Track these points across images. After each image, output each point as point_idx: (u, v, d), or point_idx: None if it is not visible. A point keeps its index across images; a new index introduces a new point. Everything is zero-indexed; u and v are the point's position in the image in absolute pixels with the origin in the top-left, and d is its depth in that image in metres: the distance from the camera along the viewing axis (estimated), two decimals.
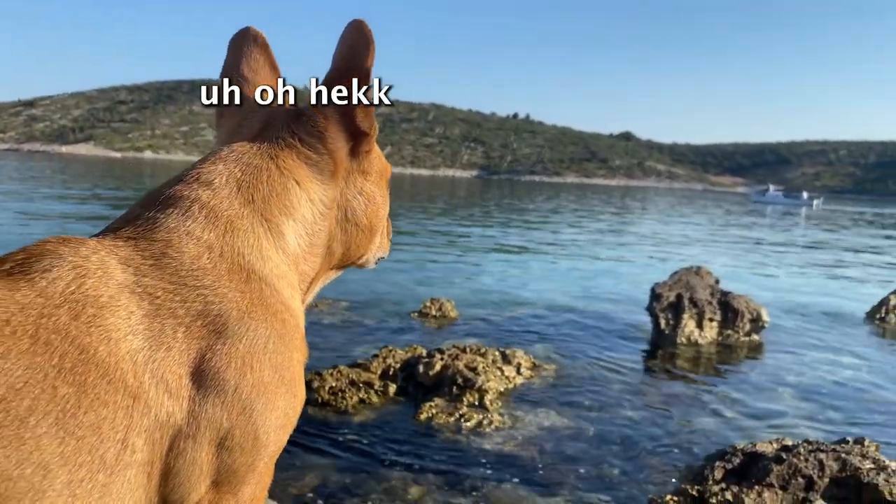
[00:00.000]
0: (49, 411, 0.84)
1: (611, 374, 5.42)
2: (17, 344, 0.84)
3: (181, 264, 1.03)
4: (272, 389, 1.03)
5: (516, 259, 12.67)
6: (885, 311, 8.40)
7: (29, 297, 0.90)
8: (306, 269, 1.24)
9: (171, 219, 1.08)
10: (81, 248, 0.99)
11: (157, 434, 0.93)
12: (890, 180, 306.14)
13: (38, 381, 0.84)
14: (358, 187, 1.31)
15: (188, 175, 1.18)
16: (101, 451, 0.87)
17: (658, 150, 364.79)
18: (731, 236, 22.48)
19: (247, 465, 1.01)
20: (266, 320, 1.06)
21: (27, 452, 0.81)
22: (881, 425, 4.58)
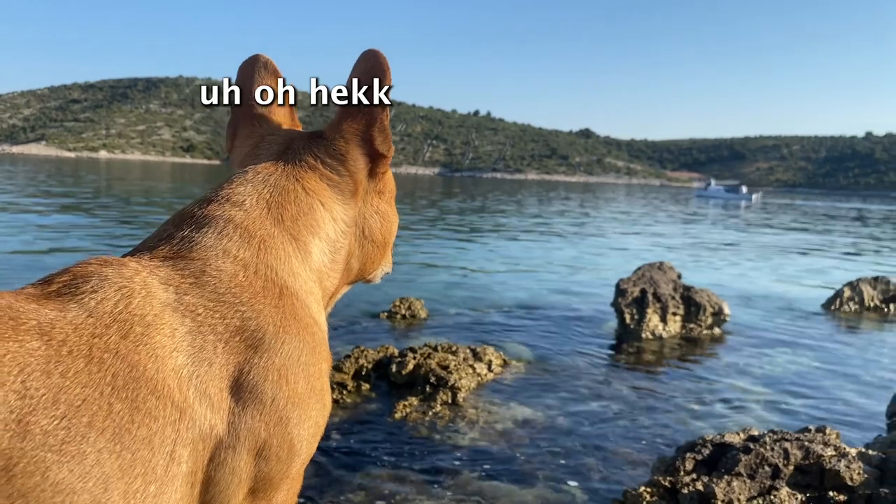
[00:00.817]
0: (106, 427, 0.87)
1: (579, 369, 5.51)
2: (74, 363, 0.88)
3: (220, 282, 1.08)
4: (305, 400, 1.08)
5: (483, 258, 12.75)
6: (840, 302, 8.67)
7: (81, 317, 0.93)
8: (328, 285, 1.31)
9: (207, 238, 1.14)
10: (124, 269, 1.03)
11: (200, 445, 0.97)
12: (840, 174, 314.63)
13: (96, 399, 0.87)
14: (374, 206, 1.38)
15: (218, 196, 1.23)
16: (153, 464, 0.91)
17: (616, 147, 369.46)
18: (682, 232, 22.91)
19: (282, 472, 1.06)
20: (299, 334, 1.11)
21: (89, 466, 0.84)
22: (840, 413, 4.74)
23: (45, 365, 0.86)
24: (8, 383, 0.82)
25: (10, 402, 0.81)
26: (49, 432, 0.82)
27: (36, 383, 0.84)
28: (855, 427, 4.43)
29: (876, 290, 8.91)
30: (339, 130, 1.30)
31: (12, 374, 0.82)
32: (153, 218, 17.54)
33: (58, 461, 0.82)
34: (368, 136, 1.30)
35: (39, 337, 0.88)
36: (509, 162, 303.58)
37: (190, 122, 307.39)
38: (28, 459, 0.80)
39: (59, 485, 0.81)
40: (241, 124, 1.42)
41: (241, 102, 1.40)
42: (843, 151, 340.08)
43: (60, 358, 0.87)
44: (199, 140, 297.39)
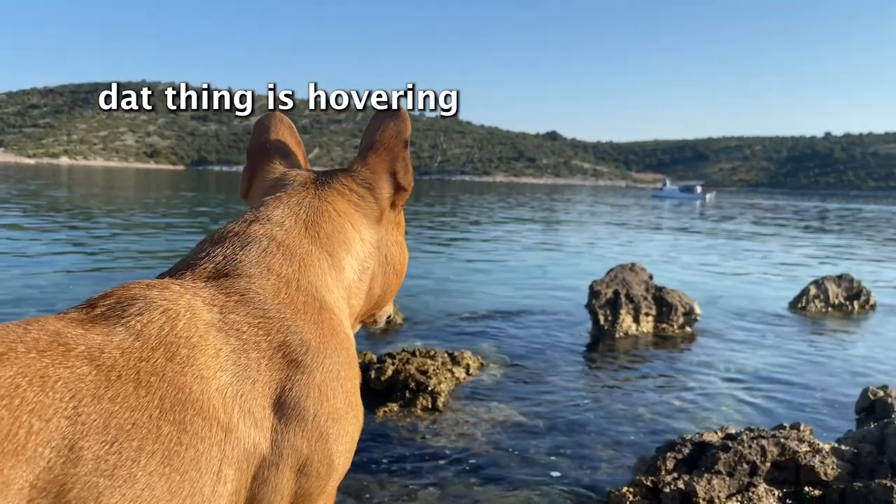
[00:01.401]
0: (156, 450, 0.88)
1: (556, 370, 5.56)
2: (123, 388, 0.88)
3: (264, 299, 1.10)
4: (343, 416, 1.10)
5: (456, 262, 12.79)
6: (806, 300, 8.86)
7: (128, 341, 0.94)
8: (355, 304, 1.34)
9: (250, 256, 1.17)
10: (168, 291, 1.04)
11: (244, 464, 0.98)
12: (801, 174, 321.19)
13: (145, 422, 0.88)
14: (394, 237, 1.47)
15: (258, 217, 1.26)
16: (201, 485, 0.91)
17: (583, 149, 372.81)
18: (646, 234, 23.22)
19: (320, 488, 1.07)
20: (337, 350, 1.13)
21: (140, 490, 0.85)
22: (811, 409, 4.86)
23: (96, 390, 0.86)
24: (61, 410, 0.82)
25: (62, 429, 0.81)
26: (101, 457, 0.82)
27: (87, 409, 0.84)
28: (826, 423, 4.54)
29: (840, 287, 9.12)
30: (365, 163, 1.39)
31: (64, 401, 0.83)
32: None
33: (110, 486, 0.82)
34: (393, 170, 1.40)
35: (89, 362, 0.89)
36: (477, 164, 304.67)
37: (154, 127, 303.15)
38: (81, 486, 0.80)
39: None
40: (258, 166, 1.47)
41: (257, 150, 1.47)
42: (804, 151, 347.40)
43: (110, 383, 0.88)
44: (164, 145, 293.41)
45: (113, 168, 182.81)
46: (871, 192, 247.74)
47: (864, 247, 20.06)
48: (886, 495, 3.06)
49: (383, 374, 4.90)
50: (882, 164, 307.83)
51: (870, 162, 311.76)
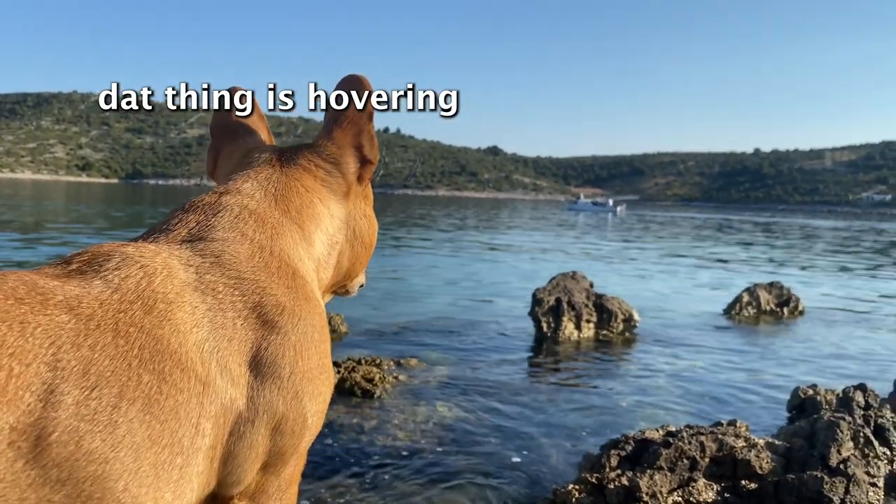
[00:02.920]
0: (136, 398, 0.88)
1: (501, 374, 5.62)
2: (102, 336, 0.89)
3: (239, 262, 1.11)
4: (317, 376, 1.13)
5: (400, 272, 12.78)
6: (739, 307, 9.18)
7: (106, 293, 0.95)
8: (324, 277, 1.37)
9: (224, 222, 1.18)
10: (144, 249, 1.05)
11: (221, 419, 0.99)
12: (732, 189, 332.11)
13: (124, 370, 0.89)
14: (362, 210, 1.47)
15: (228, 189, 1.27)
16: (180, 435, 0.92)
17: (523, 164, 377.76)
18: (581, 245, 23.68)
19: (293, 447, 1.09)
20: (310, 313, 1.15)
21: (121, 436, 0.85)
22: (746, 408, 5.03)
23: (75, 338, 0.87)
24: (40, 355, 0.83)
25: (42, 373, 0.82)
26: (81, 402, 0.83)
27: (67, 355, 0.85)
28: (761, 420, 4.70)
29: (771, 294, 9.48)
30: (330, 138, 1.39)
31: (44, 346, 0.83)
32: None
33: (90, 430, 0.83)
34: (358, 143, 1.40)
35: (68, 311, 0.89)
36: (420, 178, 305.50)
37: (86, 139, 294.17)
38: (62, 429, 0.81)
39: (92, 454, 0.82)
40: (223, 145, 1.47)
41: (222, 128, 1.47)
42: (735, 167, 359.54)
43: (89, 331, 0.89)
44: (97, 158, 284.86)
45: (42, 181, 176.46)
46: (797, 206, 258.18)
47: (789, 257, 20.89)
48: (817, 486, 3.19)
49: None
50: (807, 179, 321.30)
51: (796, 177, 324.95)
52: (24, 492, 0.78)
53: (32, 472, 0.78)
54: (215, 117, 1.50)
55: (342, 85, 1.37)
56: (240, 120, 1.48)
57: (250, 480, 1.07)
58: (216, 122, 1.50)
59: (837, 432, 3.50)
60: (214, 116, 1.50)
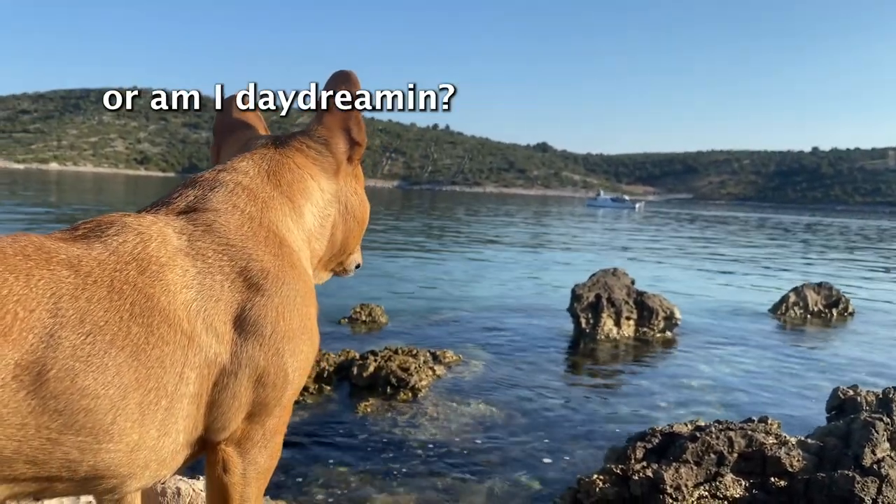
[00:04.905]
0: (126, 345, 1.01)
1: (536, 369, 5.65)
2: (98, 291, 1.02)
3: (228, 230, 1.23)
4: (298, 336, 1.23)
5: (441, 265, 12.86)
6: (786, 307, 9.00)
7: (104, 254, 1.08)
8: (316, 248, 1.48)
9: (218, 196, 1.30)
10: (142, 219, 1.18)
11: (206, 371, 1.11)
12: (789, 188, 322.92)
13: (116, 321, 1.02)
14: (353, 188, 1.58)
15: (225, 167, 1.40)
16: (165, 381, 1.05)
17: (573, 161, 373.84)
18: (627, 241, 23.37)
19: (275, 399, 1.20)
20: (295, 280, 1.26)
21: (110, 376, 0.99)
22: (784, 408, 4.96)
23: (74, 290, 1.00)
24: (43, 303, 0.96)
25: (44, 319, 0.94)
26: (77, 346, 0.96)
27: (66, 305, 0.98)
28: (798, 421, 4.64)
29: (819, 295, 9.26)
30: (320, 123, 1.50)
31: (46, 296, 0.96)
32: None
33: (84, 370, 0.96)
34: (346, 126, 1.51)
35: (69, 268, 1.02)
36: (468, 175, 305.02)
37: (144, 133, 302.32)
38: (59, 367, 0.94)
39: (84, 390, 0.96)
40: (224, 140, 1.60)
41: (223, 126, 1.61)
42: (792, 166, 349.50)
43: (86, 286, 1.01)
44: (154, 152, 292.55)
45: (103, 174, 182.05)
46: (857, 207, 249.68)
47: (843, 257, 20.28)
48: (848, 485, 3.15)
49: (365, 370, 4.97)
50: (868, 179, 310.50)
51: (857, 177, 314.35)
52: (25, 418, 0.91)
53: (33, 401, 0.91)
54: (217, 117, 1.64)
55: (332, 78, 1.50)
56: (239, 117, 1.61)
57: (235, 428, 1.18)
58: (218, 122, 1.63)
59: (873, 432, 3.45)
60: (216, 117, 1.64)
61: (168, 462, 1.10)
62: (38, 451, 0.94)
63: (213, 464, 1.19)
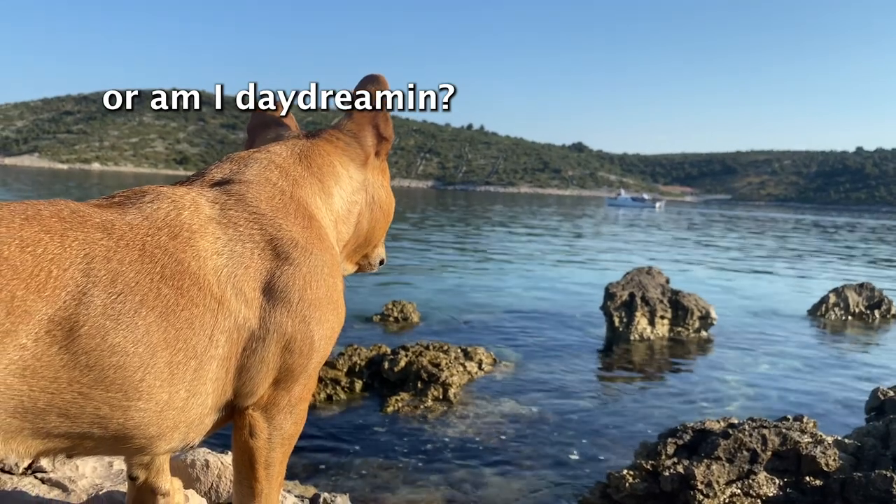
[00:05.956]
0: (156, 305, 1.05)
1: (567, 367, 5.62)
2: (129, 254, 1.06)
3: (260, 201, 1.27)
4: (325, 304, 1.26)
5: (473, 263, 12.87)
6: (825, 308, 8.82)
7: (137, 219, 1.12)
8: (343, 232, 1.53)
9: (252, 170, 1.36)
10: (177, 189, 1.23)
11: (235, 335, 1.14)
12: (831, 189, 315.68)
13: (147, 283, 1.05)
14: (380, 181, 1.64)
15: (261, 149, 1.46)
16: (194, 342, 1.08)
17: (609, 161, 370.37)
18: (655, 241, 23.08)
19: (301, 366, 1.23)
20: (322, 252, 1.30)
21: (140, 335, 1.02)
22: (822, 409, 4.87)
23: (106, 252, 1.04)
24: (76, 263, 1.00)
25: (76, 278, 0.99)
26: (108, 305, 1.00)
27: (98, 265, 1.02)
28: (836, 421, 4.55)
29: (861, 296, 9.06)
30: (351, 118, 1.57)
31: (79, 256, 1.00)
32: None
33: (114, 328, 1.00)
34: (375, 123, 1.58)
35: (102, 230, 1.06)
36: (502, 175, 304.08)
37: (183, 134, 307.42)
38: (91, 325, 0.98)
39: (114, 347, 1.00)
40: (257, 135, 1.67)
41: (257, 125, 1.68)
42: (835, 166, 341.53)
43: (119, 248, 1.05)
44: (193, 152, 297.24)
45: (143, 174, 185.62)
46: None
47: (890, 260, 19.77)
48: (886, 485, 3.09)
49: (396, 365, 4.99)
50: None
51: None
52: (58, 371, 0.95)
53: (65, 356, 0.95)
54: (252, 116, 1.71)
55: (363, 80, 1.57)
56: (272, 114, 1.67)
57: (263, 393, 1.21)
58: (252, 121, 1.71)
59: None
60: (251, 119, 1.71)
61: (196, 425, 1.13)
62: (70, 404, 0.97)
63: (240, 428, 1.22)
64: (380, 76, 1.56)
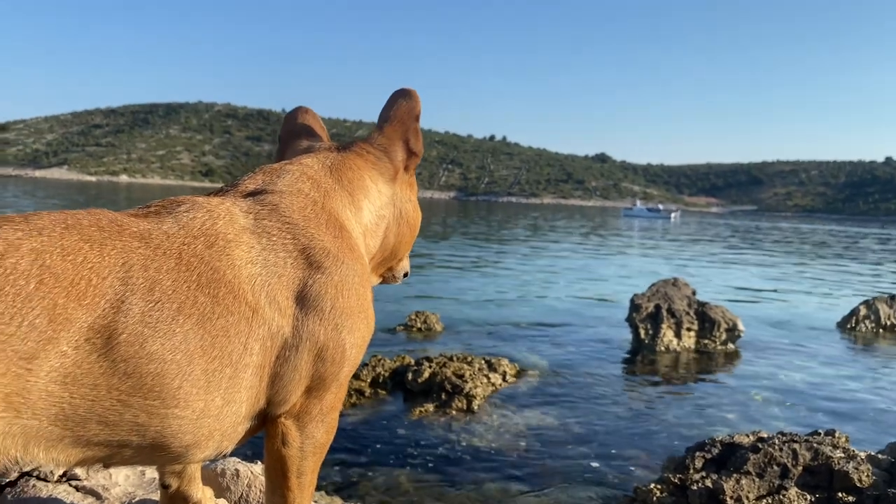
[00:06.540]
0: (192, 313, 1.07)
1: (592, 379, 5.58)
2: (166, 262, 1.08)
3: (293, 211, 1.30)
4: (356, 314, 1.28)
5: (497, 276, 12.84)
6: (856, 321, 8.67)
7: (174, 228, 1.14)
8: (371, 245, 1.55)
9: (284, 181, 1.38)
10: (212, 199, 1.26)
11: (269, 343, 1.15)
12: (860, 199, 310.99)
13: (183, 291, 1.07)
14: (407, 196, 1.67)
15: (291, 161, 1.50)
16: (229, 350, 1.10)
17: (633, 172, 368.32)
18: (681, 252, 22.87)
19: (333, 374, 1.24)
20: (353, 261, 1.32)
21: (177, 342, 1.04)
22: (854, 423, 4.78)
23: (144, 261, 1.06)
24: (115, 272, 1.02)
25: (115, 287, 1.01)
26: (146, 313, 1.02)
27: (136, 274, 1.04)
28: (868, 436, 4.47)
29: (892, 308, 8.90)
30: (381, 133, 1.60)
31: (118, 265, 1.03)
32: None
33: (152, 335, 1.01)
34: (406, 138, 1.60)
35: (140, 239, 1.08)
36: (525, 186, 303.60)
37: (209, 146, 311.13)
38: (129, 332, 0.99)
39: (152, 354, 1.01)
40: (288, 147, 1.70)
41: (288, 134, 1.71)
42: (863, 177, 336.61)
43: (156, 257, 1.07)
44: (218, 164, 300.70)
45: (169, 186, 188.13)
46: None
47: None
48: None
49: (420, 376, 5.00)
50: None
51: None
52: (97, 379, 0.97)
53: (104, 363, 0.97)
54: (283, 127, 1.73)
55: (394, 94, 1.60)
56: (303, 124, 1.70)
57: (295, 401, 1.22)
58: (284, 130, 1.73)
59: None
60: (283, 127, 1.73)
61: (230, 433, 1.14)
62: (110, 411, 0.99)
63: (272, 437, 1.23)
64: (411, 91, 1.60)
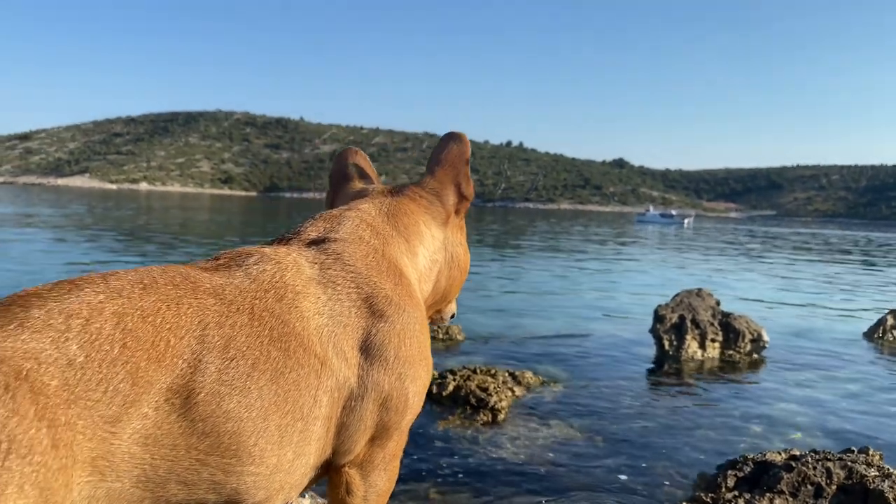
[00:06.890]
0: (266, 369, 1.07)
1: (617, 391, 5.54)
2: (240, 318, 1.09)
3: (356, 260, 1.32)
4: (418, 362, 1.30)
5: (517, 283, 12.81)
6: (883, 330, 8.54)
7: (245, 283, 1.16)
8: (424, 289, 1.58)
9: (346, 228, 1.41)
10: (279, 250, 1.28)
11: (336, 394, 1.17)
12: (882, 204, 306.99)
13: (257, 346, 1.08)
14: (458, 239, 1.70)
15: (350, 206, 1.53)
16: (301, 403, 1.11)
17: (651, 177, 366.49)
18: (703, 260, 22.68)
19: (396, 423, 1.24)
20: (413, 308, 1.34)
21: (252, 399, 1.04)
22: (886, 438, 4.70)
23: (219, 318, 1.07)
24: (191, 331, 1.03)
25: (192, 345, 1.01)
26: (222, 370, 1.02)
27: (212, 332, 1.04)
28: None
29: None
30: (433, 177, 1.65)
31: (194, 324, 1.03)
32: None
33: (229, 393, 1.02)
34: (457, 182, 1.65)
35: (214, 296, 1.09)
36: (542, 192, 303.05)
37: (228, 154, 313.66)
38: (206, 391, 1.00)
39: (229, 413, 1.01)
40: (340, 187, 1.75)
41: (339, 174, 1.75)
42: (885, 181, 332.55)
43: (230, 313, 1.08)
44: (237, 172, 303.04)
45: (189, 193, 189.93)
46: None
47: None
48: None
49: (445, 389, 4.98)
50: None
51: None
52: (177, 439, 0.96)
53: (183, 423, 0.97)
54: (334, 166, 1.79)
55: (445, 138, 1.64)
56: (355, 163, 1.76)
57: (359, 451, 1.23)
58: (334, 170, 1.78)
59: None
60: (334, 166, 1.79)
61: (298, 485, 1.14)
62: (188, 471, 0.98)
63: (336, 486, 1.24)
64: (461, 134, 1.61)
